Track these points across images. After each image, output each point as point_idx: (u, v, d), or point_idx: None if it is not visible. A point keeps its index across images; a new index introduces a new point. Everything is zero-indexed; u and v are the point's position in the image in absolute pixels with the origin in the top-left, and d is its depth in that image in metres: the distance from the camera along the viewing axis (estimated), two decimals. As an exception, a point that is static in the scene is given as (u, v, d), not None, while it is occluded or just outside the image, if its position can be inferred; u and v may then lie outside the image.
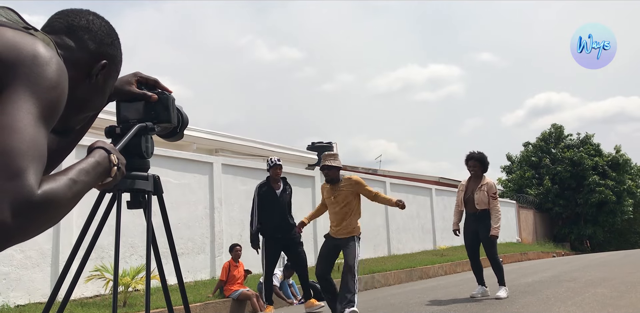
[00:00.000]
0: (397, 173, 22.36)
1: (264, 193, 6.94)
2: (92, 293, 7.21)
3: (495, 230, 6.79)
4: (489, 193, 6.97)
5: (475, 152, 7.21)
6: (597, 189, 27.19)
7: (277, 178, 7.01)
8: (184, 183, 8.96)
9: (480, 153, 7.20)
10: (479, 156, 7.16)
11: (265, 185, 7.01)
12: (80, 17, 1.28)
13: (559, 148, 29.36)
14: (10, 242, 0.93)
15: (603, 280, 8.08)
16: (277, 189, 6.96)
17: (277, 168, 6.96)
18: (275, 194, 6.92)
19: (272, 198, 6.88)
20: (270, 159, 7.08)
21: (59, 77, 1.07)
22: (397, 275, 10.60)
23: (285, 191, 6.99)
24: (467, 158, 7.21)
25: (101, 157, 1.16)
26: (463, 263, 12.77)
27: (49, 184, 0.96)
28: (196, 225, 9.09)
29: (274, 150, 15.60)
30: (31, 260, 6.73)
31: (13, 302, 6.45)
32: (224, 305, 7.11)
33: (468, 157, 7.20)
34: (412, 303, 6.78)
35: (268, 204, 6.85)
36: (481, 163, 7.15)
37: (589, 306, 5.70)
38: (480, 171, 7.14)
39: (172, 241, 1.76)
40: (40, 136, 0.99)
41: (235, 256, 7.61)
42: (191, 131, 12.79)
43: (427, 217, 16.59)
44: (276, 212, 6.81)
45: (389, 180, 15.41)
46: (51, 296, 1.67)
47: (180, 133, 1.74)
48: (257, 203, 6.90)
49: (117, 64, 1.34)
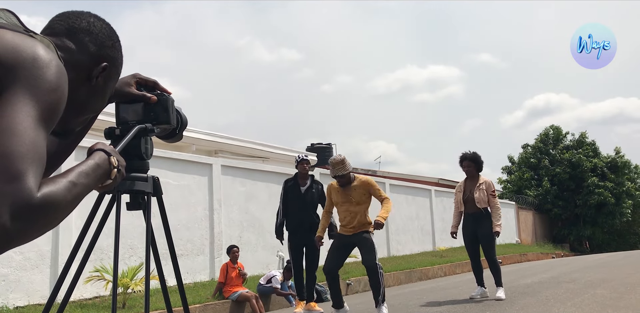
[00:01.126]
0: (397, 174, 22.36)
1: (289, 188, 7.03)
2: (92, 294, 7.20)
3: (497, 226, 6.86)
4: (488, 191, 7.03)
5: (469, 152, 7.28)
6: (596, 191, 27.22)
7: (304, 174, 7.05)
8: (183, 185, 8.96)
9: (474, 153, 7.27)
10: (472, 155, 7.22)
11: (291, 180, 7.10)
12: (81, 20, 1.28)
13: (558, 149, 29.41)
14: (10, 245, 0.93)
15: (602, 281, 8.08)
16: (303, 186, 7.00)
17: (304, 163, 7.00)
18: (299, 190, 6.97)
19: (296, 194, 6.95)
20: (298, 156, 7.18)
21: (58, 79, 1.07)
22: (397, 276, 10.60)
23: (312, 188, 7.01)
24: (461, 158, 7.28)
25: (101, 159, 1.16)
26: (462, 265, 12.77)
27: (48, 187, 0.96)
28: (195, 226, 9.08)
29: (274, 151, 15.61)
30: (30, 262, 6.73)
31: (12, 303, 6.45)
32: (223, 307, 7.10)
33: (462, 158, 7.28)
34: (412, 304, 6.78)
35: (292, 199, 6.94)
36: (475, 163, 7.20)
37: (588, 307, 5.70)
38: (474, 170, 7.19)
39: (171, 243, 1.77)
40: (39, 139, 0.99)
41: (233, 258, 7.60)
42: (191, 133, 12.80)
43: (426, 218, 16.59)
44: (299, 208, 6.87)
45: (388, 181, 15.41)
46: (50, 297, 1.67)
47: (179, 134, 1.74)
48: (282, 197, 7.03)
49: (117, 66, 1.34)
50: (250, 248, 10.02)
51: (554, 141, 30.01)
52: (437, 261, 12.82)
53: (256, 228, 10.28)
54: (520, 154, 30.65)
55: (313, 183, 7.08)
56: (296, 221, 6.87)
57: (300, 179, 7.05)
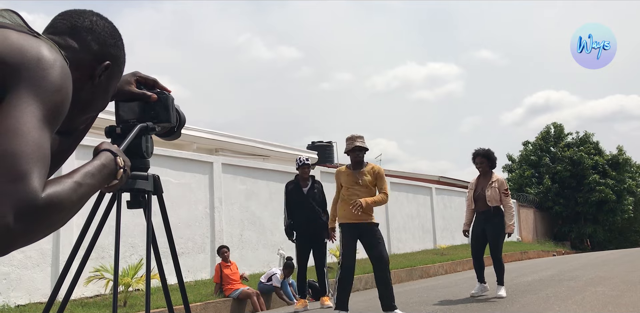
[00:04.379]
0: (398, 172, 22.35)
1: (291, 191, 7.20)
2: (93, 293, 7.21)
3: (510, 227, 6.85)
4: (500, 190, 6.92)
5: (482, 149, 7.19)
6: (597, 188, 27.21)
7: (305, 177, 7.24)
8: (184, 183, 8.96)
9: (487, 149, 7.17)
10: (485, 152, 7.13)
11: (292, 183, 7.28)
12: (84, 18, 1.27)
13: (559, 147, 29.39)
14: (14, 246, 0.93)
15: (603, 279, 8.09)
16: (305, 187, 7.18)
17: (305, 167, 7.23)
18: (302, 191, 7.13)
19: (299, 195, 7.11)
20: (299, 159, 7.33)
21: (63, 80, 1.07)
22: (398, 274, 10.60)
23: (314, 188, 7.18)
24: (474, 155, 7.18)
25: (107, 160, 1.16)
26: (463, 262, 12.78)
27: (53, 187, 0.96)
28: (196, 224, 9.09)
29: (274, 150, 15.60)
30: (31, 260, 6.74)
31: (13, 301, 6.46)
32: (225, 305, 7.11)
33: (474, 154, 7.18)
34: (413, 302, 6.78)
35: (296, 201, 7.10)
36: (488, 159, 7.12)
37: (589, 305, 5.70)
38: (487, 167, 7.10)
39: (172, 241, 1.77)
40: (44, 140, 0.99)
41: (223, 258, 7.66)
42: (191, 131, 12.80)
43: (427, 216, 16.59)
44: (304, 208, 7.02)
45: (389, 179, 15.38)
46: (51, 296, 1.67)
47: (178, 132, 1.74)
48: (286, 200, 7.22)
49: (120, 65, 1.33)
50: (251, 246, 10.03)
51: (555, 138, 29.98)
52: (438, 259, 12.82)
53: (257, 226, 10.28)
54: (520, 152, 30.65)
55: (314, 183, 7.25)
56: (302, 221, 7.00)
57: (301, 181, 7.23)
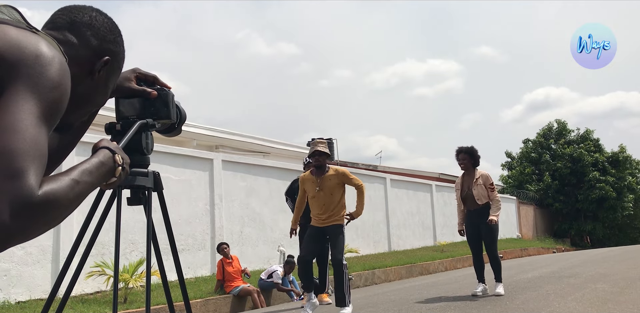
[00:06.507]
0: (398, 169, 22.36)
1: (297, 188, 7.17)
2: (93, 289, 7.22)
3: (494, 215, 6.78)
4: (486, 185, 6.93)
5: (464, 146, 7.21)
6: (597, 186, 27.22)
7: None
8: (184, 180, 8.96)
9: (470, 147, 7.20)
10: (468, 149, 7.15)
11: (297, 181, 7.26)
12: (83, 14, 1.27)
13: (559, 144, 29.38)
14: (10, 243, 0.93)
15: (603, 276, 8.09)
16: None
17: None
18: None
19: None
20: (306, 159, 7.35)
21: (61, 77, 1.07)
22: (398, 271, 10.61)
23: None
24: (457, 152, 7.22)
25: (105, 157, 1.15)
26: (463, 259, 12.79)
27: (49, 184, 0.96)
28: (196, 221, 9.10)
29: (274, 146, 15.61)
30: (32, 257, 6.74)
31: (14, 298, 6.47)
32: (225, 301, 7.12)
33: (457, 151, 7.21)
34: (413, 299, 6.79)
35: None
36: (470, 156, 7.12)
37: (589, 302, 5.70)
38: (470, 164, 7.11)
39: (172, 238, 1.76)
40: (41, 137, 0.98)
41: (224, 254, 7.67)
42: (191, 128, 12.80)
43: (427, 213, 16.60)
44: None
45: (389, 176, 15.41)
46: (52, 292, 1.67)
47: (178, 129, 1.74)
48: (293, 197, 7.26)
49: (119, 60, 1.33)
50: (251, 243, 10.04)
51: (556, 135, 29.96)
52: (438, 256, 12.83)
53: (257, 223, 10.29)
54: (521, 149, 30.64)
55: None
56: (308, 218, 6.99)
57: None
